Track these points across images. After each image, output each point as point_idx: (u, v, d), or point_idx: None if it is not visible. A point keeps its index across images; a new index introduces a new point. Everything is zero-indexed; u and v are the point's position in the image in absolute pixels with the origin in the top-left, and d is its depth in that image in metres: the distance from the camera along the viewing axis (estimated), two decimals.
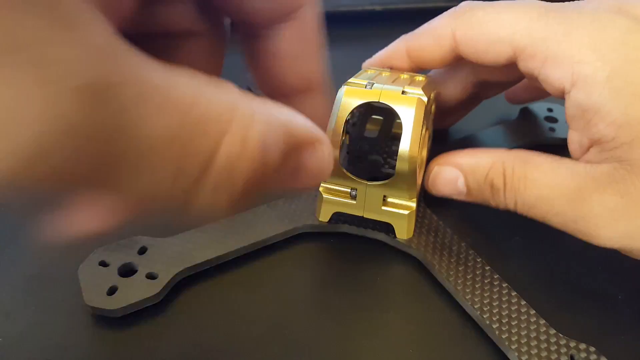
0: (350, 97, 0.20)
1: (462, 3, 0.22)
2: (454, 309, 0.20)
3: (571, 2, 0.20)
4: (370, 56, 0.39)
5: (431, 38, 0.23)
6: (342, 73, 0.35)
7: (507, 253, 0.23)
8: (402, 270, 0.22)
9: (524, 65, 0.20)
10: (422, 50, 0.23)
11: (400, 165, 0.20)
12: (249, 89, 0.12)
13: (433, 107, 0.23)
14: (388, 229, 0.22)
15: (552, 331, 0.19)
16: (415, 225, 0.22)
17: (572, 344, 0.18)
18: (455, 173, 0.22)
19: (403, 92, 0.20)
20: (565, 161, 0.19)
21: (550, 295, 0.21)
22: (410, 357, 0.19)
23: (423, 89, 0.20)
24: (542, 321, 0.19)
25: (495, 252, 0.23)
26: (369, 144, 0.25)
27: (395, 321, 0.20)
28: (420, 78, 0.22)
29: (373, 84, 0.20)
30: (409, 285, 0.22)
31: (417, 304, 0.21)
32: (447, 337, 0.20)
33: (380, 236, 0.23)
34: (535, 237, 0.23)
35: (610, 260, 0.22)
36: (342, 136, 0.20)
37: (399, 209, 0.21)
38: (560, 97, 0.20)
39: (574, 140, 0.20)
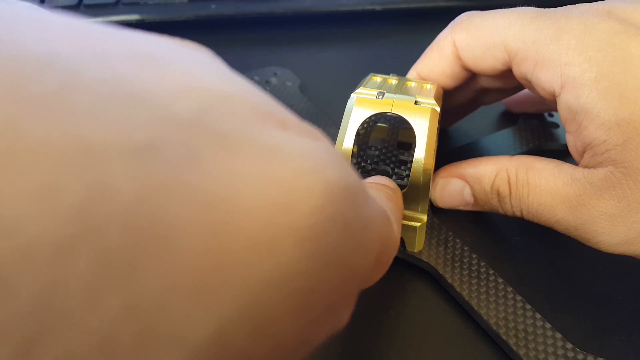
0: (362, 108, 0.20)
1: (462, 13, 0.23)
2: (468, 323, 0.20)
3: (562, 7, 0.20)
4: (370, 56, 0.39)
5: (435, 51, 0.23)
6: (343, 72, 0.35)
7: (511, 257, 0.23)
8: (413, 283, 0.22)
9: (518, 70, 0.20)
10: (430, 66, 0.23)
11: (414, 178, 0.19)
12: None
13: None
14: None
15: (569, 345, 0.18)
16: (425, 237, 0.22)
17: (590, 359, 0.18)
18: (461, 184, 0.22)
19: (416, 102, 0.20)
20: (565, 166, 0.19)
21: (549, 295, 0.21)
22: None
23: (435, 98, 0.20)
24: (559, 335, 0.19)
25: (501, 258, 0.22)
26: (375, 153, 0.25)
27: (408, 334, 0.20)
28: (428, 86, 0.22)
29: (384, 93, 0.20)
30: (420, 299, 0.21)
31: (430, 317, 0.21)
32: (461, 351, 0.19)
33: None
34: (537, 238, 0.23)
35: (611, 260, 0.22)
36: (352, 147, 0.20)
37: (410, 221, 0.21)
38: (553, 101, 0.20)
39: (571, 144, 0.20)
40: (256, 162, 0.08)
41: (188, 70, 0.09)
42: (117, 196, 0.06)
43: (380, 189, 0.16)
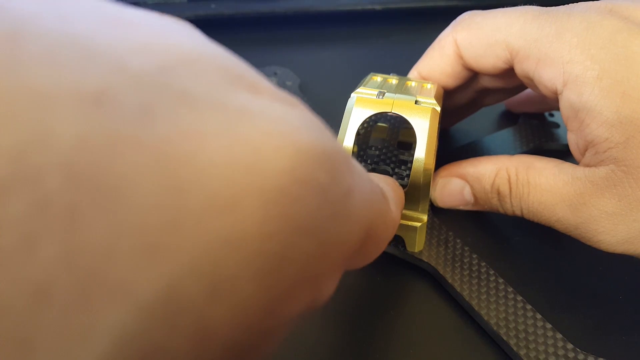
0: (362, 108, 0.20)
1: (464, 13, 0.23)
2: (468, 323, 0.20)
3: (564, 5, 0.20)
4: (370, 56, 0.39)
5: (436, 50, 0.23)
6: (343, 72, 0.35)
7: (512, 257, 0.23)
8: (413, 283, 0.22)
9: (520, 68, 0.20)
10: (431, 65, 0.23)
11: (415, 178, 0.19)
12: None
13: None
14: (397, 241, 0.22)
15: (570, 346, 0.18)
16: (425, 237, 0.22)
17: (591, 359, 0.18)
18: (461, 184, 0.22)
19: (416, 102, 0.20)
20: (566, 166, 0.19)
21: (550, 296, 0.21)
22: None
23: (435, 97, 0.20)
24: (559, 335, 0.19)
25: (501, 258, 0.22)
26: (375, 152, 0.25)
27: (408, 334, 0.20)
28: (428, 85, 0.22)
29: (384, 93, 0.20)
30: (420, 298, 0.21)
31: (430, 317, 0.20)
32: (461, 351, 0.19)
33: (390, 249, 0.22)
34: (537, 238, 0.23)
35: (611, 260, 0.22)
36: (353, 147, 0.20)
37: (410, 221, 0.21)
38: (555, 99, 0.20)
39: (572, 142, 0.20)
40: (219, 121, 0.08)
41: (156, 31, 0.09)
42: (57, 142, 0.06)
43: (382, 177, 0.16)
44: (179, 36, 0.09)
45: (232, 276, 0.08)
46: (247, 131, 0.08)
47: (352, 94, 0.20)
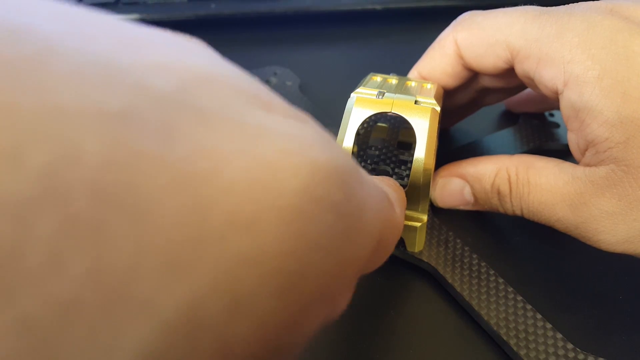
0: (362, 108, 0.20)
1: (464, 13, 0.23)
2: (468, 323, 0.20)
3: (564, 5, 0.20)
4: (370, 56, 0.39)
5: (436, 50, 0.23)
6: (343, 72, 0.35)
7: (512, 257, 0.23)
8: (413, 283, 0.22)
9: (520, 68, 0.20)
10: (431, 65, 0.23)
11: (415, 178, 0.19)
12: None
13: None
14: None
15: (570, 346, 0.18)
16: (425, 237, 0.22)
17: (591, 359, 0.18)
18: (461, 184, 0.22)
19: (416, 102, 0.20)
20: (566, 165, 0.19)
21: (550, 296, 0.21)
22: None
23: (435, 97, 0.20)
24: (560, 335, 0.19)
25: (501, 258, 0.22)
26: (375, 153, 0.25)
27: (408, 334, 0.20)
28: (428, 85, 0.22)
29: (384, 93, 0.20)
30: (420, 299, 0.21)
31: (430, 317, 0.20)
32: (461, 351, 0.19)
33: None
34: (537, 238, 0.23)
35: (611, 259, 0.22)
36: (353, 147, 0.20)
37: (410, 221, 0.21)
38: (556, 99, 0.20)
39: (573, 142, 0.20)
40: (238, 140, 0.08)
41: (173, 51, 0.09)
42: (84, 160, 0.06)
43: (383, 179, 0.17)
44: (195, 55, 0.09)
45: (252, 293, 0.08)
46: (265, 149, 0.08)
47: (352, 94, 0.20)
